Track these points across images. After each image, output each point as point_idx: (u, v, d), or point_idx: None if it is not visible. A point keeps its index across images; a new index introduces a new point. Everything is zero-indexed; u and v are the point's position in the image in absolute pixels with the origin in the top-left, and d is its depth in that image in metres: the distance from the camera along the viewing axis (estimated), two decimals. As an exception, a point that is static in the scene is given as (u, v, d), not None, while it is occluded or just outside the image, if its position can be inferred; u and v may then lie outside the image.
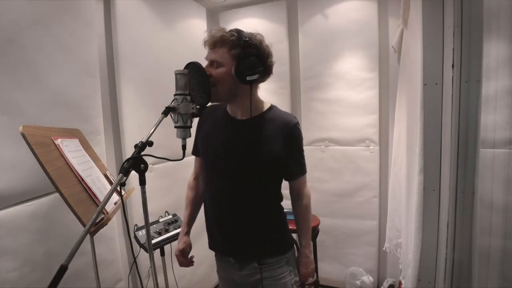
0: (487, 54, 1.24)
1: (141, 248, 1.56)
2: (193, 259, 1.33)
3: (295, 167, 1.19)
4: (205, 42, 1.10)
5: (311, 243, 1.28)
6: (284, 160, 1.12)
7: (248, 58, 1.03)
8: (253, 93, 1.11)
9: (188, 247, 1.29)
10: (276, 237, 1.20)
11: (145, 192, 0.93)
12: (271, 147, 1.09)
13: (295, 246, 1.27)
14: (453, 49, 1.24)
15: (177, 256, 1.30)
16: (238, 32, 1.06)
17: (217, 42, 1.06)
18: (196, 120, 1.07)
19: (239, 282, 1.20)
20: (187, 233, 1.31)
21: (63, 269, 0.67)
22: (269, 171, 1.13)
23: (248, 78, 1.03)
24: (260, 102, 1.17)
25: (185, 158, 1.02)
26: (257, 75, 1.04)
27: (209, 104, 1.07)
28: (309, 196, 1.25)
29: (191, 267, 1.33)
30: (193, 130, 1.06)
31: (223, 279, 1.28)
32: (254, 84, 1.09)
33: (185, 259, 1.29)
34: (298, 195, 1.23)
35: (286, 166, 1.15)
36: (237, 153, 1.12)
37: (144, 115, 1.95)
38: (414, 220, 1.37)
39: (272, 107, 1.18)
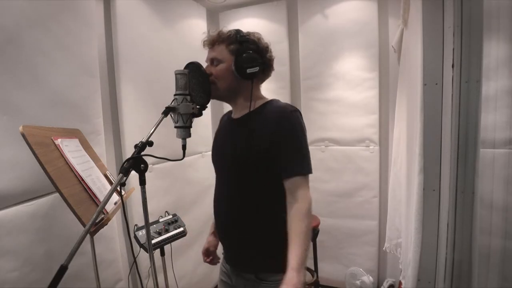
0: (487, 54, 1.24)
1: (141, 248, 1.56)
2: (218, 260, 1.33)
3: (287, 161, 1.01)
4: (204, 42, 1.11)
5: (304, 264, 0.95)
6: (276, 152, 1.00)
7: (246, 52, 1.03)
8: (254, 90, 1.09)
9: (212, 246, 1.31)
10: (279, 250, 1.03)
11: (145, 192, 0.93)
12: (262, 137, 1.02)
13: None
14: (453, 49, 1.24)
15: (202, 253, 1.33)
16: (235, 30, 1.08)
17: (215, 40, 1.08)
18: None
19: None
20: (213, 233, 1.33)
21: (63, 269, 0.67)
22: (263, 166, 1.03)
23: (248, 71, 1.02)
24: (261, 99, 1.14)
25: (185, 158, 1.02)
26: (257, 67, 1.04)
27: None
28: (308, 201, 1.00)
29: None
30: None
31: (222, 282, 1.26)
32: (255, 80, 1.08)
33: (207, 257, 1.32)
34: (292, 197, 1.00)
35: (278, 159, 1.01)
36: (231, 150, 1.10)
37: (144, 115, 1.94)
38: (414, 220, 1.37)
39: (271, 100, 1.12)
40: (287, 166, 1.01)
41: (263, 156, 1.03)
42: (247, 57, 1.03)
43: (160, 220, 1.73)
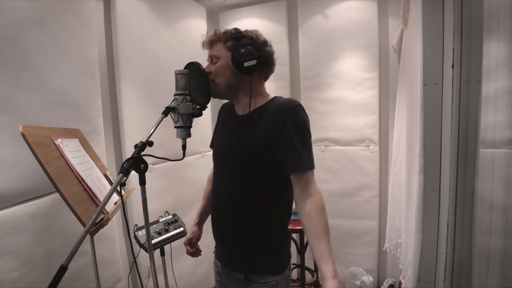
0: (487, 54, 1.24)
1: (141, 248, 1.56)
2: (200, 253, 1.34)
3: (295, 156, 0.98)
4: (203, 43, 1.12)
5: (333, 262, 0.95)
6: (279, 147, 1.00)
7: (243, 47, 1.03)
8: (255, 86, 1.09)
9: (195, 237, 1.32)
10: (270, 252, 1.07)
11: (145, 192, 0.93)
12: (265, 136, 1.02)
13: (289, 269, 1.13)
14: (453, 49, 1.24)
15: (184, 244, 1.33)
16: (232, 28, 1.09)
17: (212, 40, 1.10)
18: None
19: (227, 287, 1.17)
20: (197, 223, 1.34)
21: (63, 269, 0.67)
22: (266, 164, 1.03)
23: (245, 64, 1.02)
24: (265, 97, 1.13)
25: (185, 158, 1.02)
26: (255, 60, 1.02)
27: (224, 102, 1.06)
28: (321, 195, 0.99)
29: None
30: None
31: (216, 280, 1.26)
32: (255, 76, 1.07)
33: (190, 248, 1.32)
34: (305, 192, 0.98)
35: (284, 155, 1.00)
36: (233, 147, 1.10)
37: (144, 115, 1.95)
38: (414, 220, 1.37)
39: (274, 97, 1.12)
40: (296, 161, 0.99)
41: (267, 154, 1.02)
42: (244, 51, 1.02)
43: (160, 220, 1.74)
